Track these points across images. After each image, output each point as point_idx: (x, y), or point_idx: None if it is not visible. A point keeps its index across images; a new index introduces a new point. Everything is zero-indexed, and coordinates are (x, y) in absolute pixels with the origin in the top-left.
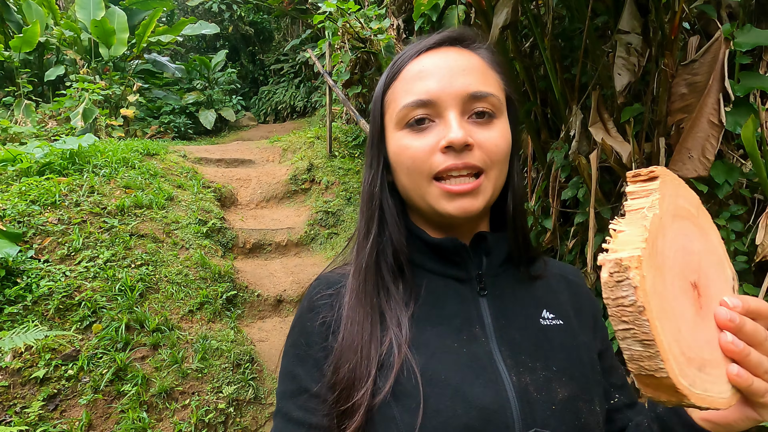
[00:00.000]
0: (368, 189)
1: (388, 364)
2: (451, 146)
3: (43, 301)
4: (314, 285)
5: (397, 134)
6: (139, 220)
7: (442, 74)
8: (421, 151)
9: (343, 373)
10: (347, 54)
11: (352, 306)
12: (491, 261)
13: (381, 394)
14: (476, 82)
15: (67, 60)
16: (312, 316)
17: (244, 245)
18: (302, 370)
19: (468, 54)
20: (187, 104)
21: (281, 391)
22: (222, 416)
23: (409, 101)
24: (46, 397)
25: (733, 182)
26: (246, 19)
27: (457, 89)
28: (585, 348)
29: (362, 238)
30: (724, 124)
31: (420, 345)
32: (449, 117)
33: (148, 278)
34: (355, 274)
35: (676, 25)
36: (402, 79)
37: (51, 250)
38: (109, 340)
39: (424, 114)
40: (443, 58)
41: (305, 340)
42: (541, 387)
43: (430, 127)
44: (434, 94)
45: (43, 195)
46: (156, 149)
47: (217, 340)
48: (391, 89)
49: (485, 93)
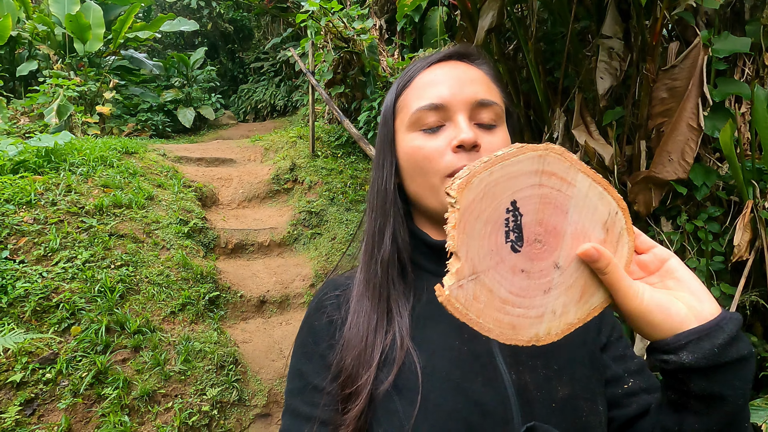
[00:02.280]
0: (382, 188)
1: (391, 358)
2: (462, 145)
3: (19, 303)
4: (322, 287)
5: (409, 136)
6: (118, 219)
7: (452, 82)
8: (434, 150)
9: (349, 360)
10: (330, 53)
11: (359, 298)
12: None
13: (384, 385)
14: (483, 90)
15: (40, 55)
16: (319, 315)
17: (226, 245)
18: (309, 366)
19: (473, 68)
20: (165, 102)
21: (289, 390)
22: (206, 419)
23: (423, 104)
24: (23, 401)
25: (711, 184)
26: (225, 16)
27: (467, 96)
28: (587, 346)
29: (376, 235)
30: (702, 128)
31: (422, 342)
32: (459, 120)
33: (129, 279)
34: (364, 270)
35: (658, 31)
36: (414, 87)
37: (27, 250)
38: (89, 342)
39: (435, 118)
40: (452, 69)
41: (312, 338)
42: (541, 385)
43: (441, 130)
44: (446, 99)
45: (18, 194)
46: (135, 148)
47: (200, 342)
48: (403, 96)
49: (491, 101)
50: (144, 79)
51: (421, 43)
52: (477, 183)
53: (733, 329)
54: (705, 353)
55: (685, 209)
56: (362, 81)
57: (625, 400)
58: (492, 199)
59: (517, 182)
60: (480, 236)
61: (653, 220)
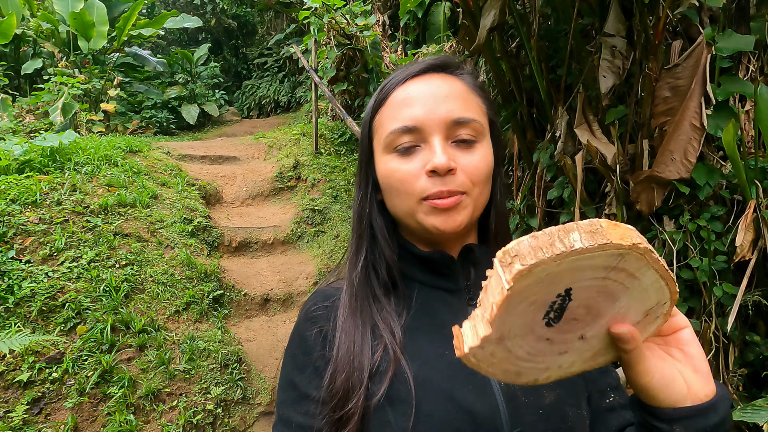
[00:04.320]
0: (358, 209)
1: (382, 369)
2: (435, 171)
3: (26, 303)
4: (311, 298)
5: (385, 157)
6: (123, 219)
7: (426, 101)
8: (408, 174)
9: (339, 383)
10: (333, 50)
11: (345, 319)
12: (479, 272)
13: (375, 397)
14: (459, 108)
15: (44, 53)
16: (309, 326)
17: (230, 244)
18: (301, 377)
19: (451, 80)
20: (169, 99)
21: (281, 401)
22: (210, 417)
23: (396, 127)
24: (30, 400)
25: (714, 184)
26: (229, 12)
27: (441, 116)
28: None
29: (353, 256)
30: (705, 127)
31: (413, 353)
32: (434, 142)
33: (134, 278)
34: (348, 289)
35: (660, 30)
36: (389, 105)
37: (33, 250)
38: (94, 341)
39: (410, 140)
40: (427, 85)
41: (303, 349)
42: (529, 392)
43: (416, 152)
44: (419, 121)
45: (24, 194)
46: (139, 146)
47: (205, 341)
48: (379, 114)
49: (467, 119)
50: (148, 76)
51: (424, 39)
52: (539, 272)
53: (726, 411)
54: (697, 430)
55: (687, 208)
56: (365, 78)
57: (606, 415)
58: (548, 285)
59: (583, 274)
60: (520, 314)
61: (656, 219)
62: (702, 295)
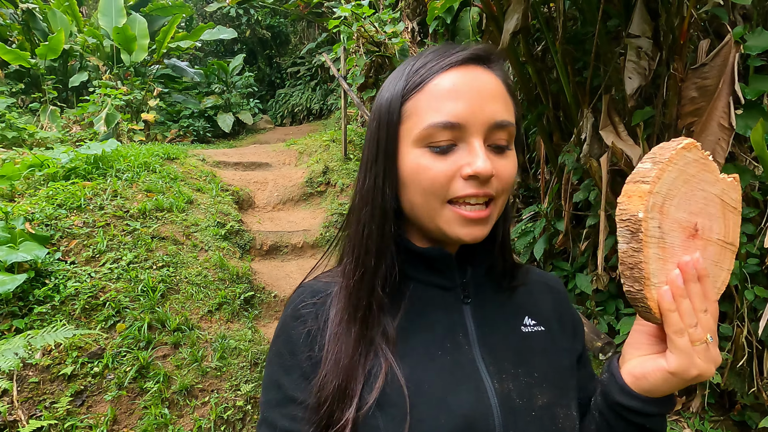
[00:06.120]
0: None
1: (373, 374)
2: (476, 176)
3: (70, 301)
4: (298, 293)
5: (415, 151)
6: (160, 222)
7: (472, 97)
8: (442, 175)
9: (329, 391)
10: (362, 58)
11: (339, 323)
12: (475, 270)
13: (366, 405)
14: (502, 110)
15: (90, 66)
16: (296, 324)
17: (261, 247)
18: (287, 379)
19: (492, 76)
20: (205, 108)
21: (266, 401)
22: (240, 413)
23: (437, 121)
24: (73, 393)
25: (745, 185)
26: (263, 23)
27: (486, 117)
28: (566, 354)
29: (360, 248)
30: (734, 127)
31: (405, 354)
32: (475, 145)
33: (169, 279)
34: (344, 289)
35: (685, 30)
36: (428, 93)
37: (77, 252)
38: (133, 339)
39: (449, 138)
40: (473, 79)
41: (290, 349)
42: (523, 393)
43: (452, 151)
44: (463, 118)
45: (69, 199)
46: (176, 153)
47: (235, 340)
48: (413, 100)
49: (508, 123)
50: (186, 87)
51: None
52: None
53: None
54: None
55: None
56: None
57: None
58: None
59: None
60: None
61: None
62: (734, 299)
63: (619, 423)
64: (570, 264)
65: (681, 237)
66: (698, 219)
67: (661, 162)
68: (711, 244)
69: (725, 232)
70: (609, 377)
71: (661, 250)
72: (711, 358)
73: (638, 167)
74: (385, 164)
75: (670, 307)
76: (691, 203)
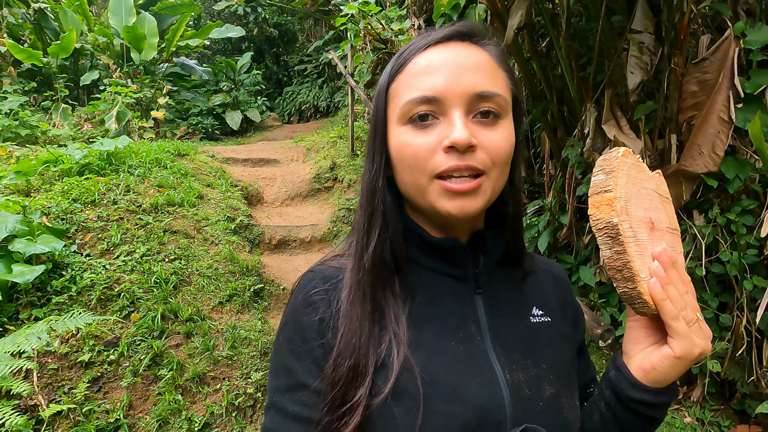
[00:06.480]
0: (370, 184)
1: (388, 364)
2: (454, 147)
3: (86, 292)
4: (308, 278)
5: (399, 129)
6: (171, 217)
7: (449, 71)
8: (423, 149)
9: (342, 372)
10: (369, 55)
11: (351, 303)
12: (488, 260)
13: (381, 395)
14: (484, 81)
15: (100, 65)
16: (309, 311)
17: (270, 241)
18: (299, 365)
19: (477, 50)
20: (214, 106)
21: (275, 386)
22: (250, 400)
23: (414, 97)
24: (90, 379)
25: (744, 177)
26: (270, 21)
27: (464, 88)
28: (569, 344)
29: (363, 234)
30: (733, 120)
31: (418, 344)
32: (454, 116)
33: (181, 272)
34: (354, 270)
35: (685, 25)
36: (407, 73)
37: (92, 245)
38: (147, 328)
39: (427, 110)
40: (451, 54)
41: (301, 335)
42: (532, 384)
43: (433, 125)
44: (440, 91)
45: (84, 194)
46: (186, 150)
47: (246, 330)
48: (396, 82)
49: (492, 93)
50: (194, 85)
51: None
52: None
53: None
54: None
55: (717, 202)
56: None
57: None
58: None
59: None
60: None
61: (685, 214)
62: (734, 290)
63: (629, 415)
64: (574, 257)
65: (646, 232)
66: (650, 214)
67: (612, 170)
68: (665, 233)
69: (669, 221)
70: (617, 374)
71: (638, 247)
72: (705, 334)
73: (594, 180)
74: (379, 147)
75: (662, 296)
76: (642, 201)
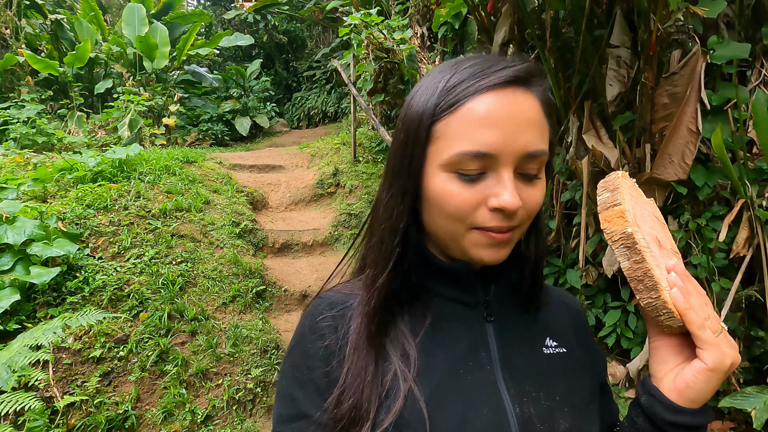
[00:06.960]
0: (392, 223)
1: (392, 395)
2: (502, 210)
3: (98, 293)
4: (316, 304)
5: (442, 175)
6: (179, 221)
7: (507, 127)
8: (468, 203)
9: (345, 410)
10: (371, 64)
11: (359, 340)
12: (500, 287)
13: (381, 428)
14: (536, 139)
15: (114, 73)
16: (314, 338)
17: (273, 245)
18: (302, 393)
19: (531, 100)
20: (223, 112)
21: (278, 414)
22: (250, 395)
23: (468, 150)
24: (101, 374)
25: (713, 184)
26: (280, 28)
27: (519, 148)
28: (587, 376)
29: (376, 272)
30: (701, 130)
31: (426, 372)
32: (504, 176)
33: (187, 274)
34: (365, 306)
35: (653, 42)
36: (461, 117)
37: (104, 248)
38: (154, 327)
39: (479, 167)
40: (510, 104)
41: (306, 363)
42: (544, 418)
43: (480, 178)
44: (496, 149)
45: (97, 200)
46: (194, 157)
47: (247, 329)
48: (445, 122)
49: (540, 152)
50: (205, 92)
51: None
52: None
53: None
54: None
55: (688, 208)
56: (401, 89)
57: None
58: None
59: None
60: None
61: None
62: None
63: None
64: (562, 260)
65: (656, 247)
66: (655, 233)
67: (617, 188)
68: (670, 253)
69: (671, 243)
70: (649, 399)
71: (653, 258)
72: (732, 344)
73: (600, 198)
74: (409, 181)
75: (685, 305)
76: (645, 220)
